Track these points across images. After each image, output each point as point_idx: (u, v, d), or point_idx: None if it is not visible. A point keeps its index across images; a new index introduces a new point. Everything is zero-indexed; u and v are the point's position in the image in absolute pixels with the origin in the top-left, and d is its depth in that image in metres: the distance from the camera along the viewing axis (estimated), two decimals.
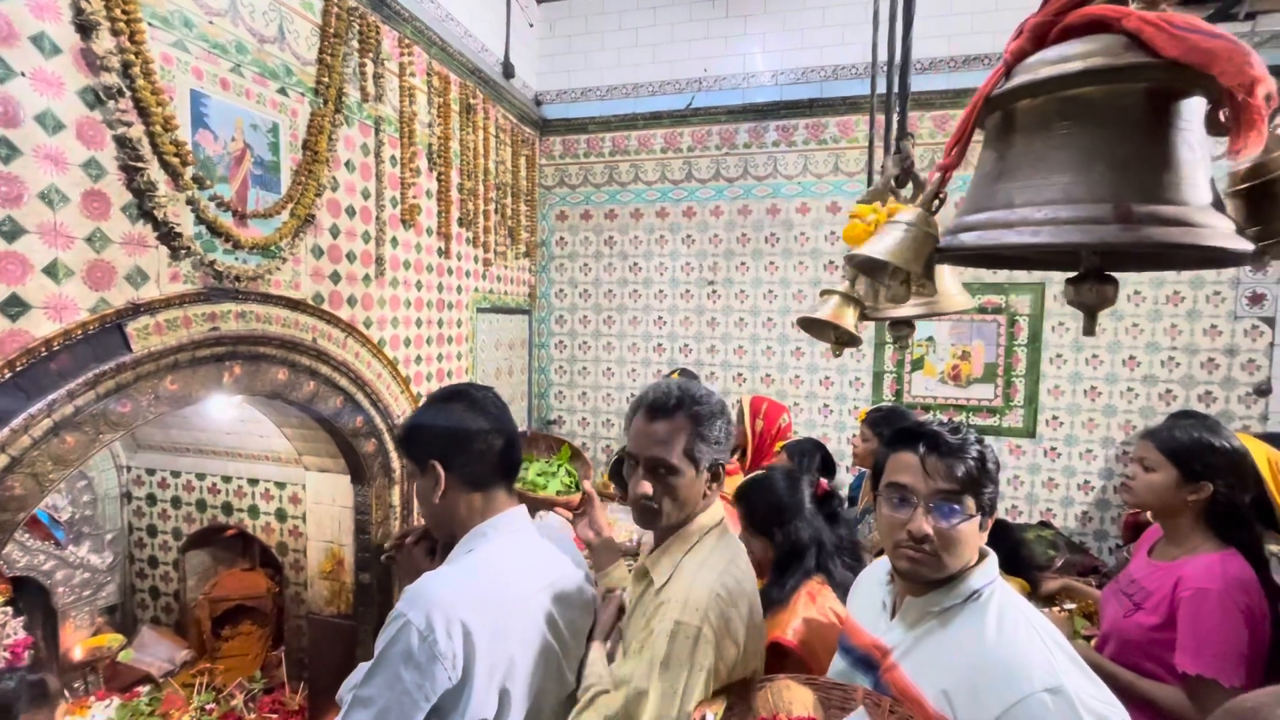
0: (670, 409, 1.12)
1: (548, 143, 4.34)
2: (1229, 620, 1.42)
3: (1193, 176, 0.64)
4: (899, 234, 0.81)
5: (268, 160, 2.11)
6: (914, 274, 0.80)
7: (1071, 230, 0.63)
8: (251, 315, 2.07)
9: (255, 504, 3.10)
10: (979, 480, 1.02)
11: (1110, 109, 0.65)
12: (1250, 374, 3.39)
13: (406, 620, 0.97)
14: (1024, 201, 0.67)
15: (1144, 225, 0.61)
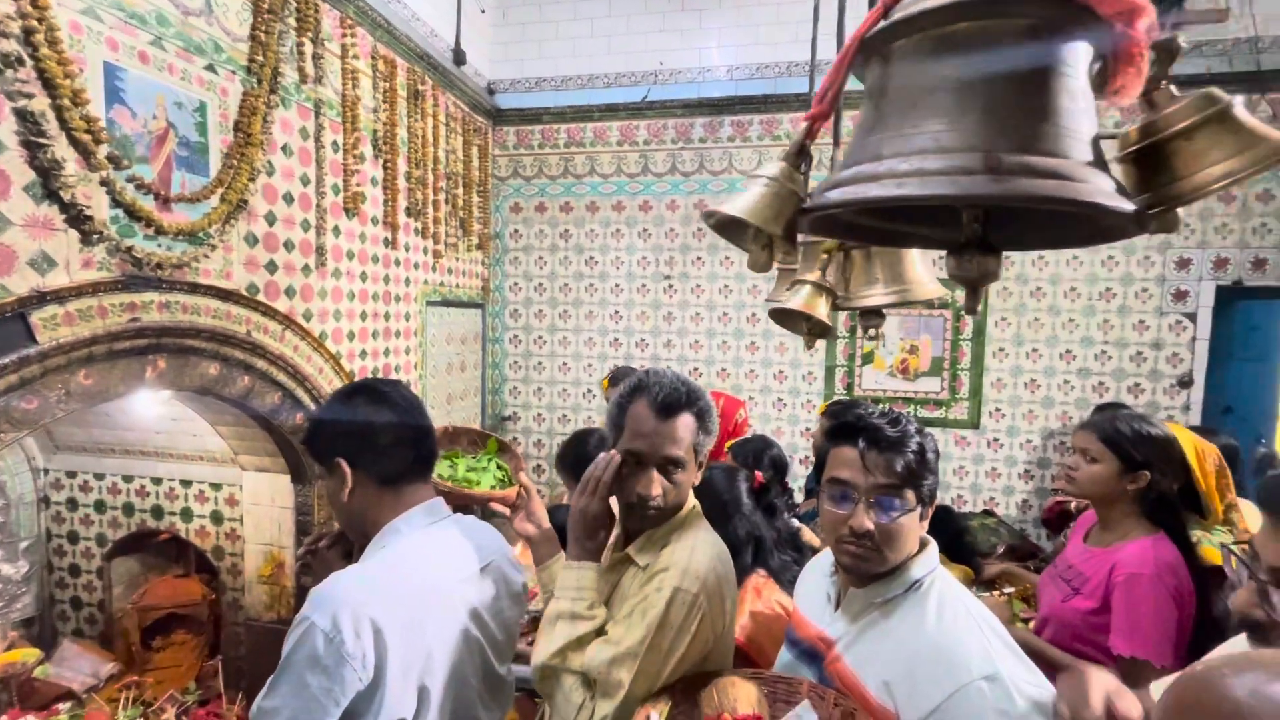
0: (682, 405, 1.11)
1: (501, 133, 4.25)
2: (1161, 604, 1.48)
3: (1073, 128, 0.58)
4: (759, 190, 0.72)
5: (194, 141, 1.99)
6: (775, 238, 0.71)
7: (938, 182, 0.56)
8: (177, 305, 1.95)
9: (189, 506, 2.94)
10: (918, 473, 1.01)
11: (986, 49, 0.59)
12: (1174, 366, 3.57)
13: (311, 623, 0.92)
14: (891, 153, 0.61)
15: (1014, 176, 0.55)
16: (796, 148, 0.75)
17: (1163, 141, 0.61)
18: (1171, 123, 0.61)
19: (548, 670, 1.07)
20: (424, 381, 3.50)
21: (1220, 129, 0.60)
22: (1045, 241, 0.79)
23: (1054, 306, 3.68)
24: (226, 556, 2.92)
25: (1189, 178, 0.60)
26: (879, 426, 1.03)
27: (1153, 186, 0.62)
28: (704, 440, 1.14)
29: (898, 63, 0.65)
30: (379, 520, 1.11)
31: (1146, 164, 0.63)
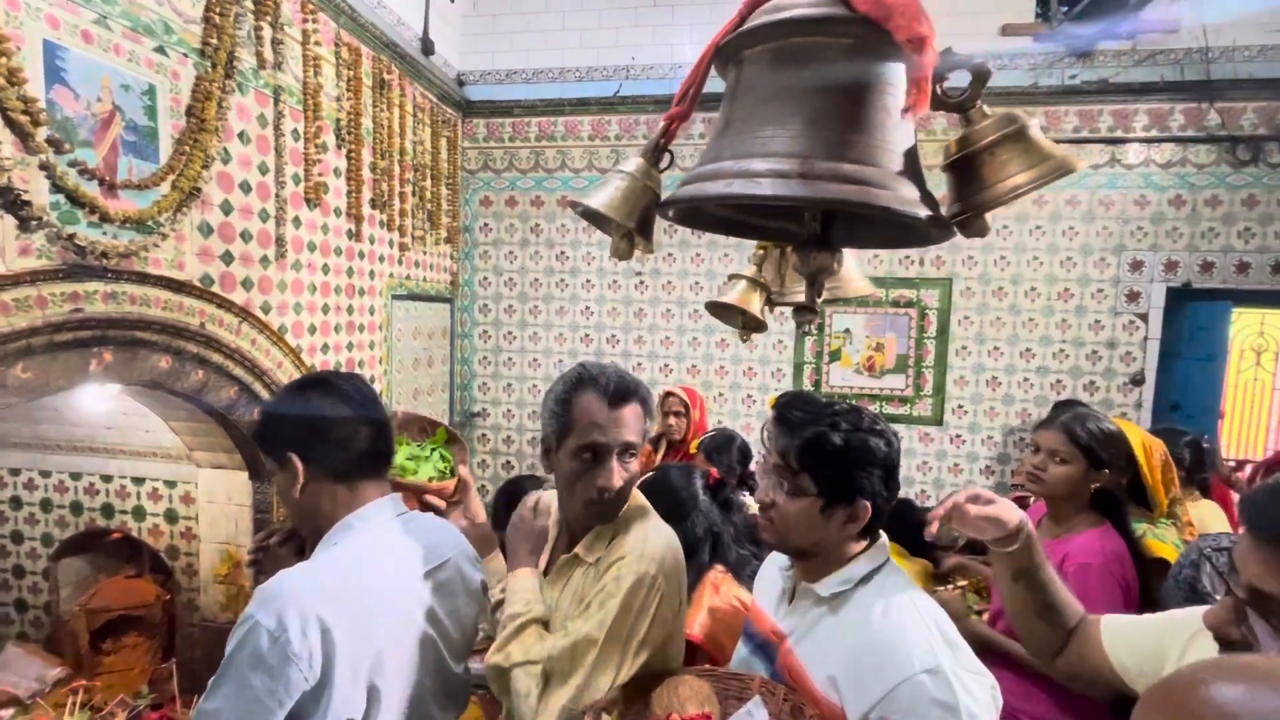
0: (630, 393, 1.12)
1: (471, 125, 4.19)
2: (1109, 592, 1.53)
3: (887, 141, 0.65)
4: (617, 184, 0.79)
5: (142, 125, 1.91)
6: (631, 230, 0.78)
7: (759, 183, 0.64)
8: (125, 296, 1.88)
9: (141, 505, 2.85)
10: (815, 463, 1.00)
11: (815, 64, 0.66)
12: (1127, 365, 3.69)
13: (255, 622, 0.90)
14: (730, 154, 0.69)
15: (823, 180, 0.62)
16: (653, 145, 0.82)
17: (973, 154, 0.68)
18: (980, 138, 0.67)
19: (496, 668, 1.07)
20: (389, 376, 3.44)
21: (1017, 145, 0.66)
22: (874, 241, 0.88)
23: (1015, 306, 3.78)
24: (181, 556, 2.83)
25: (992, 187, 0.66)
26: (784, 410, 1.06)
27: (964, 195, 0.69)
28: (648, 428, 1.17)
29: (746, 71, 0.72)
30: (332, 516, 1.08)
31: (961, 173, 0.69)
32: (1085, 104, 3.59)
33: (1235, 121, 3.48)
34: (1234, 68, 3.41)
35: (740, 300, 1.28)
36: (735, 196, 0.67)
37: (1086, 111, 3.61)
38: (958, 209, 0.69)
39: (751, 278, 1.29)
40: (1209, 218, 3.57)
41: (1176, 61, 3.44)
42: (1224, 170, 3.53)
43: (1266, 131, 3.45)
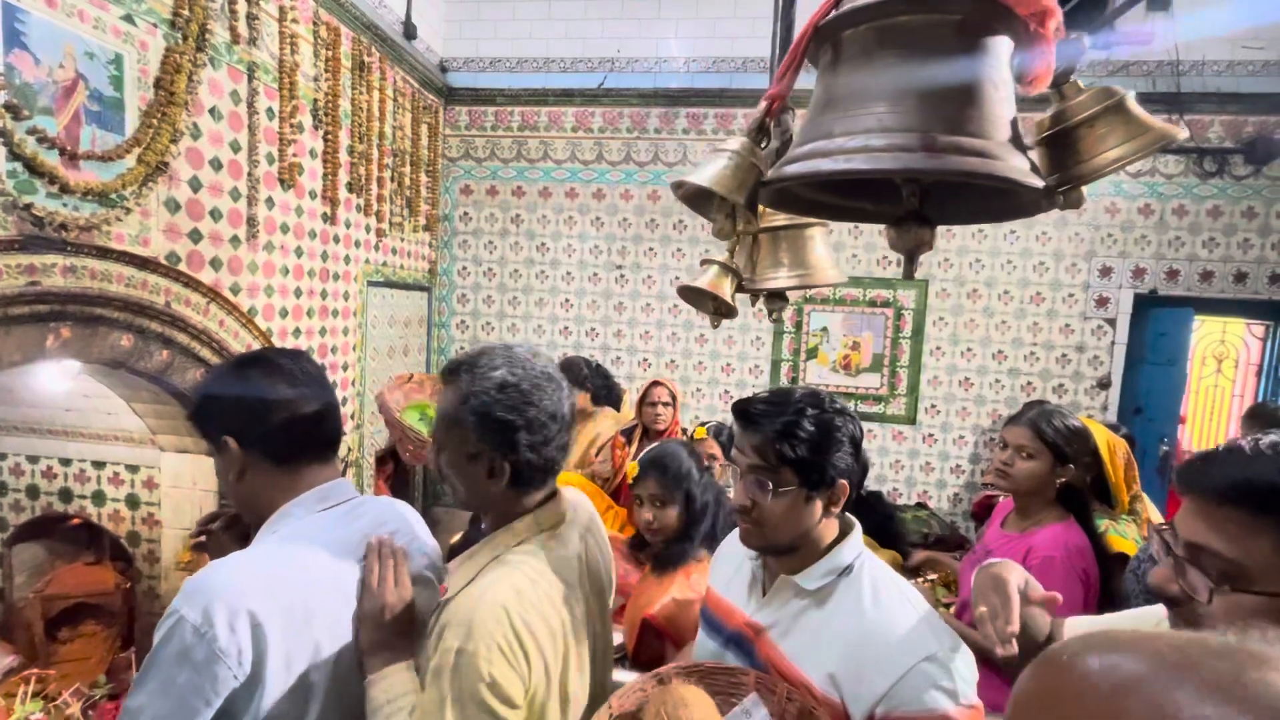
0: (444, 374, 1.04)
1: (453, 112, 4.14)
2: (1070, 584, 1.56)
3: (995, 114, 0.67)
4: (723, 162, 0.80)
5: (107, 96, 1.85)
6: (738, 207, 0.79)
7: (881, 157, 0.65)
8: (84, 270, 1.82)
9: (101, 489, 2.77)
10: (786, 452, 0.97)
11: (923, 40, 0.68)
12: (1095, 369, 3.78)
13: (180, 617, 0.85)
14: (841, 131, 0.69)
15: (946, 154, 0.64)
16: (757, 124, 0.83)
17: (1070, 128, 0.70)
18: (1077, 112, 0.69)
19: None
20: (363, 364, 3.39)
21: (1116, 118, 0.68)
22: (972, 216, 0.88)
23: (988, 308, 3.84)
24: (143, 543, 2.76)
25: (1091, 159, 0.68)
26: (747, 407, 1.02)
27: (1061, 167, 0.70)
28: (481, 436, 1.06)
29: (847, 50, 0.73)
30: (272, 503, 1.02)
31: (1057, 147, 0.71)
32: None
33: (1203, 134, 3.58)
34: (1203, 81, 3.50)
35: (712, 285, 1.28)
36: (860, 173, 0.67)
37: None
38: (1055, 181, 0.70)
39: (723, 263, 1.29)
40: (1175, 227, 3.67)
41: (1149, 73, 3.53)
42: (1191, 181, 3.62)
43: (1232, 144, 3.55)
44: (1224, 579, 0.64)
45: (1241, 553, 0.64)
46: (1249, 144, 3.50)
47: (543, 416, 0.98)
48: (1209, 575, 0.65)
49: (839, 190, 0.88)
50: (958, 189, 0.80)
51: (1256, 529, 0.64)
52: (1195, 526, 0.67)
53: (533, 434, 0.98)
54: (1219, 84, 3.50)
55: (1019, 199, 0.75)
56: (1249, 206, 3.59)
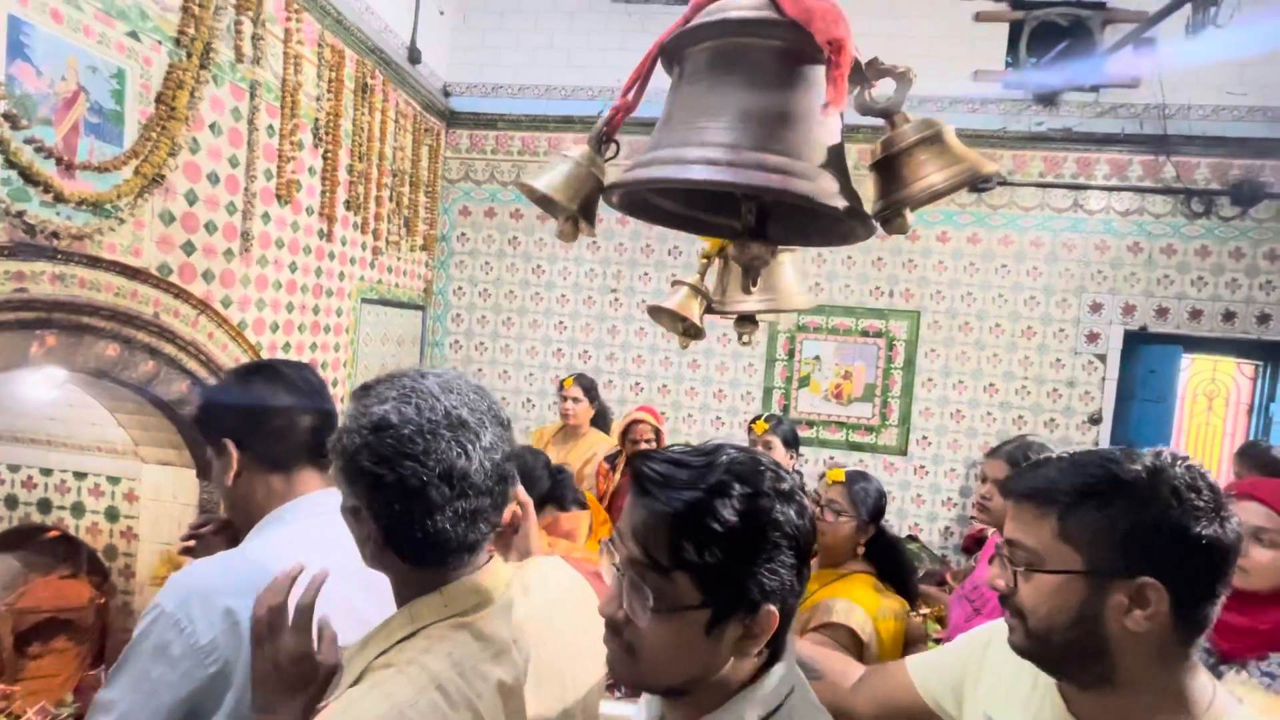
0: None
1: (454, 135, 4.21)
2: None
3: (810, 136, 0.71)
4: (562, 168, 0.83)
5: (108, 109, 1.88)
6: (575, 214, 0.81)
7: (691, 169, 0.68)
8: (74, 279, 1.83)
9: (81, 501, 2.73)
10: (694, 555, 0.63)
11: (748, 62, 0.72)
12: (1086, 404, 3.78)
13: (161, 611, 0.86)
14: (668, 144, 0.73)
15: (748, 169, 0.67)
16: (597, 134, 0.87)
17: (894, 155, 0.73)
18: (901, 140, 0.72)
19: None
20: (352, 380, 3.38)
21: (934, 147, 0.71)
22: (806, 238, 0.92)
23: (980, 341, 3.86)
24: (120, 556, 2.72)
25: (911, 185, 0.71)
26: (643, 465, 0.68)
27: (886, 193, 0.74)
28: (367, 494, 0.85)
29: (688, 67, 0.77)
30: (265, 507, 1.04)
31: (884, 174, 0.74)
32: (1051, 150, 3.73)
33: (1190, 175, 3.64)
34: (1189, 124, 3.58)
35: (680, 307, 1.29)
36: (667, 180, 0.71)
37: (1052, 158, 3.75)
38: (881, 206, 0.73)
39: (693, 285, 1.31)
40: (1164, 265, 3.71)
41: (1136, 116, 3.60)
42: (1179, 221, 3.68)
43: (1219, 186, 3.61)
44: (1027, 565, 0.76)
45: (1035, 541, 0.75)
46: (1235, 186, 3.56)
47: (426, 476, 0.71)
48: (1016, 564, 0.77)
49: (695, 204, 0.92)
50: (791, 211, 0.84)
51: (1041, 520, 0.75)
52: (1010, 526, 0.79)
53: (407, 499, 0.72)
54: (1205, 128, 3.57)
55: (841, 224, 0.78)
56: (1236, 247, 3.64)
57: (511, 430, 0.82)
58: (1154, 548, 0.70)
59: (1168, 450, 0.75)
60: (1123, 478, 0.72)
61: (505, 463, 0.78)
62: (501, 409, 0.81)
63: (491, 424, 0.77)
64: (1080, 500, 0.73)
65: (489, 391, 0.82)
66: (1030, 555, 0.75)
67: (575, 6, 4.02)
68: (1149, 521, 0.70)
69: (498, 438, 0.77)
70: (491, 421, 0.77)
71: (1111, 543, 0.71)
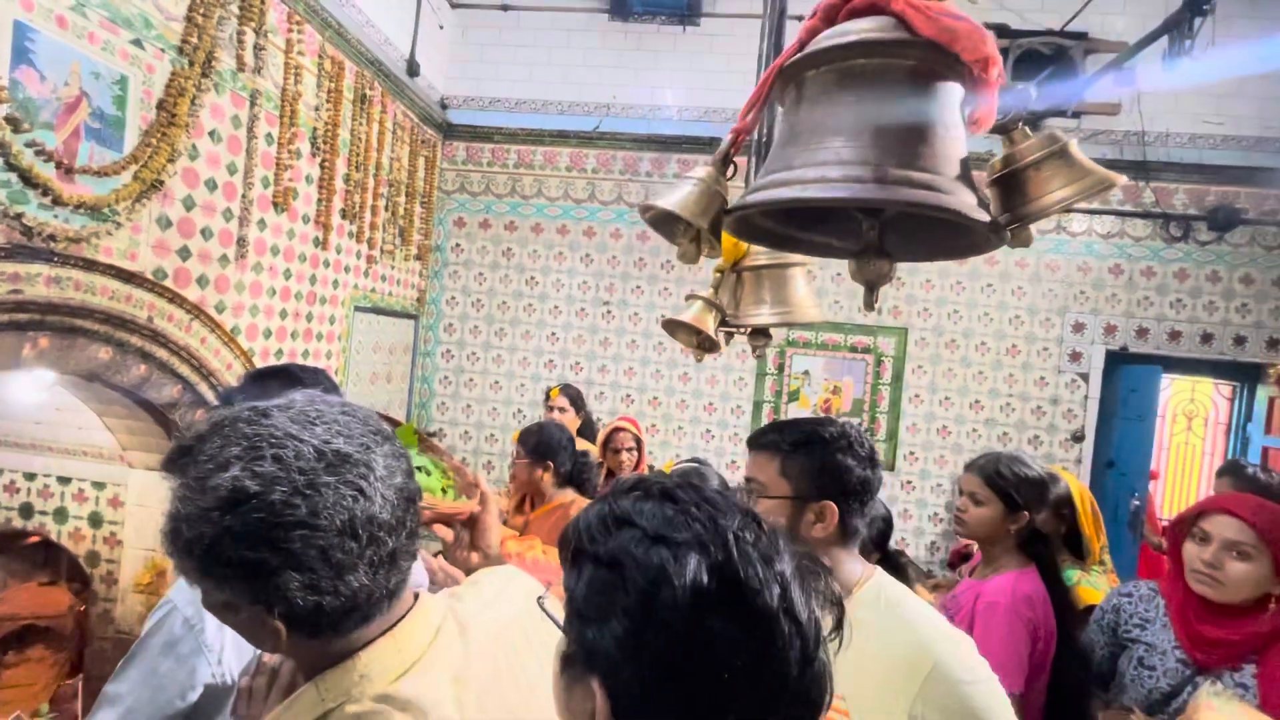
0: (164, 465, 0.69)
1: (451, 147, 4.25)
2: (1014, 631, 1.56)
3: (946, 152, 0.73)
4: (689, 188, 0.84)
5: (110, 114, 1.90)
6: (702, 232, 0.82)
7: (836, 186, 0.70)
8: (69, 281, 1.83)
9: (64, 506, 2.70)
10: (575, 609, 0.56)
11: (879, 82, 0.74)
12: (1069, 422, 3.85)
13: (173, 607, 0.88)
14: (801, 164, 0.74)
15: (897, 186, 0.68)
16: (722, 155, 0.88)
17: (1018, 170, 0.75)
18: (1025, 155, 0.75)
19: None
20: (345, 388, 3.38)
21: (1060, 162, 0.74)
22: (929, 253, 0.92)
23: (966, 358, 3.92)
24: (102, 563, 2.68)
25: (1038, 199, 0.74)
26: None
27: (1010, 207, 0.76)
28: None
29: (808, 90, 0.79)
30: None
31: (1007, 188, 0.76)
32: None
33: (1168, 200, 3.75)
34: (1167, 151, 3.69)
35: (695, 320, 1.32)
36: (815, 201, 0.71)
37: None
38: (1005, 219, 0.75)
39: (707, 299, 1.34)
40: (1144, 287, 3.80)
41: (1116, 142, 3.71)
42: (1158, 244, 3.78)
43: (1196, 212, 3.72)
44: (759, 494, 1.04)
45: (765, 477, 1.05)
46: (1212, 212, 3.67)
47: (323, 540, 0.57)
48: (753, 494, 1.05)
49: (801, 224, 0.93)
50: (915, 225, 0.85)
51: (769, 463, 1.05)
52: (749, 468, 1.09)
53: (308, 574, 0.57)
54: (1182, 155, 3.69)
55: (971, 236, 0.79)
56: (1213, 271, 3.74)
57: (396, 440, 0.67)
58: (832, 482, 1.02)
59: (846, 421, 1.09)
60: (820, 434, 1.04)
61: (408, 481, 0.65)
62: (378, 420, 0.67)
63: (377, 444, 0.62)
64: (793, 449, 1.04)
65: (359, 405, 0.67)
66: (760, 487, 1.05)
67: (573, 24, 4.09)
68: (830, 464, 1.02)
69: (389, 456, 0.63)
70: (376, 441, 0.63)
71: (808, 477, 1.02)
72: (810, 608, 0.51)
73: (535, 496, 2.26)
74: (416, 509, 0.66)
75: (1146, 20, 2.82)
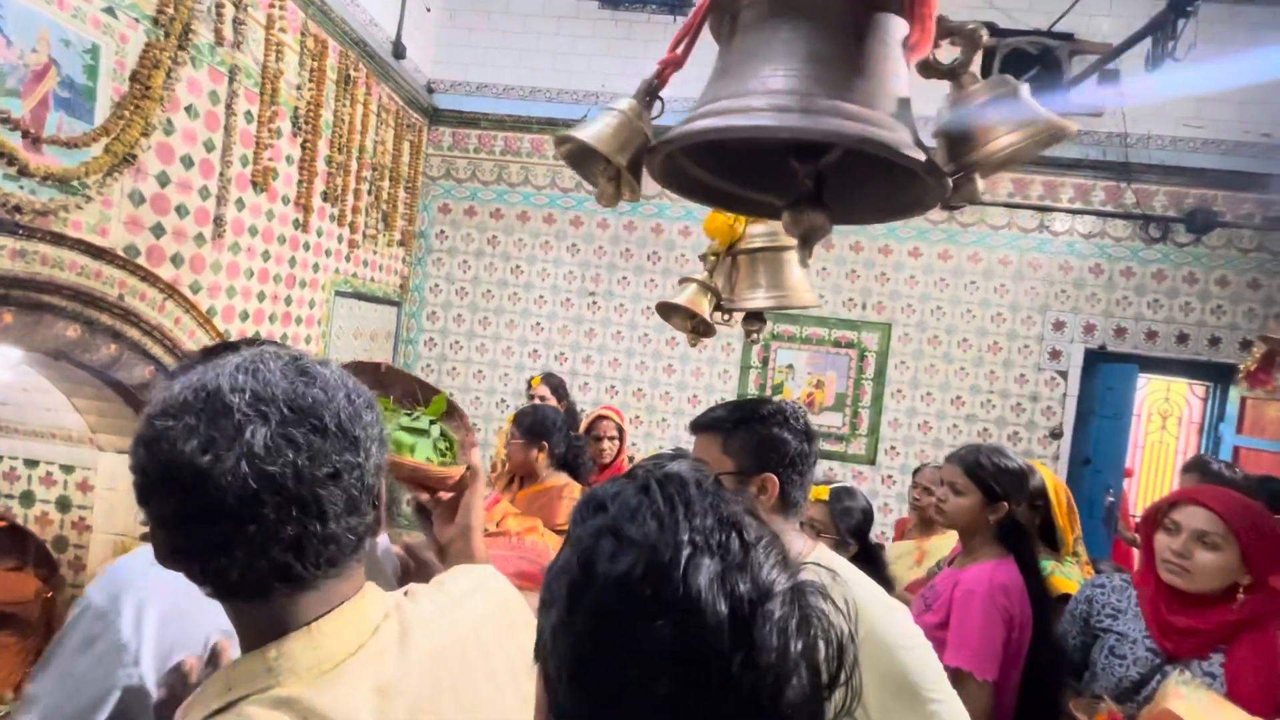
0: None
1: (437, 133, 4.19)
2: (990, 620, 1.58)
3: (883, 87, 0.67)
4: (608, 120, 0.77)
5: (80, 84, 1.84)
6: (622, 172, 0.75)
7: (759, 115, 0.64)
8: (35, 256, 1.77)
9: (31, 490, 2.63)
10: None
11: (814, 10, 0.69)
12: (1048, 419, 3.90)
13: (89, 603, 0.80)
14: (727, 95, 0.69)
15: (824, 115, 0.63)
16: (646, 87, 0.81)
17: (964, 117, 0.69)
18: (972, 101, 0.69)
19: None
20: None
21: (1009, 106, 0.67)
22: (871, 211, 0.86)
23: (948, 354, 3.95)
24: (70, 548, 2.62)
25: (984, 147, 0.68)
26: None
27: (956, 156, 0.70)
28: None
29: (743, 20, 0.73)
30: None
31: (952, 137, 0.70)
32: (1020, 172, 3.86)
33: (1148, 202, 3.80)
34: (1149, 154, 3.74)
35: (690, 302, 1.31)
36: (731, 130, 0.65)
37: (1021, 180, 3.88)
38: (950, 170, 0.69)
39: (702, 282, 1.32)
40: (1123, 287, 3.85)
41: (1099, 143, 3.75)
42: (1137, 245, 3.83)
43: (1175, 214, 3.77)
44: None
45: (709, 456, 1.09)
46: (1190, 214, 3.73)
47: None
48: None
49: (737, 177, 0.86)
50: (856, 180, 0.80)
51: (712, 443, 1.10)
52: (695, 449, 1.14)
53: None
54: (1163, 157, 3.74)
55: (914, 190, 0.74)
56: (1190, 272, 3.80)
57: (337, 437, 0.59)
58: (771, 454, 1.07)
59: (782, 399, 1.14)
60: (758, 412, 1.09)
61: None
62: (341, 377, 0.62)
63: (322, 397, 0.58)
64: (735, 427, 1.09)
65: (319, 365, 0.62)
66: (703, 465, 0.99)
67: (563, 10, 4.05)
68: (768, 437, 1.07)
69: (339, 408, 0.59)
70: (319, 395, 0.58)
71: (749, 453, 1.06)
72: (787, 648, 0.42)
73: (527, 477, 2.27)
74: (366, 477, 0.59)
75: (1132, 23, 2.86)
